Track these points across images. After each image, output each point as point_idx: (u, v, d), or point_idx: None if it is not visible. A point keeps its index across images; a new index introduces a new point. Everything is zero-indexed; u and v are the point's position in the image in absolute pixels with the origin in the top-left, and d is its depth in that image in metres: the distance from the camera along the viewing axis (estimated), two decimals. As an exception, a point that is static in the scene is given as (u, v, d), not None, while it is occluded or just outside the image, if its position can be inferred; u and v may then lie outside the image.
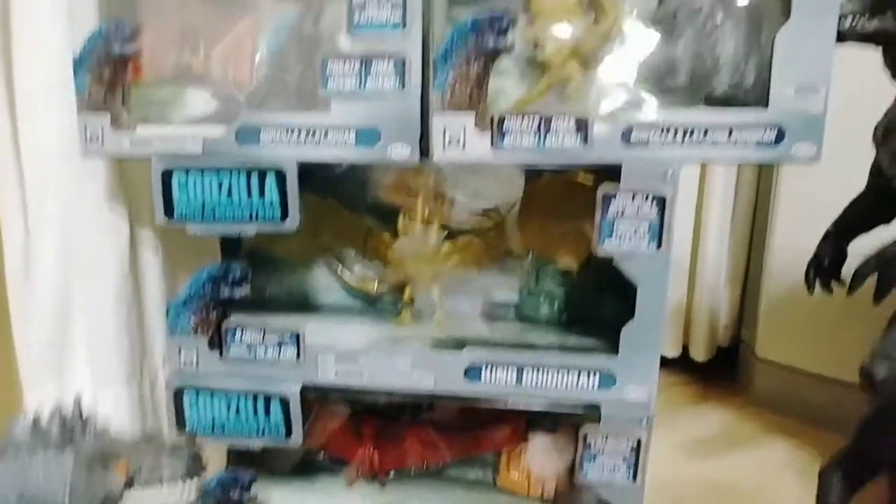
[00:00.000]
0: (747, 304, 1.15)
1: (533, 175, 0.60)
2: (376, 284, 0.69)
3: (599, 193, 0.49)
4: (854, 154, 0.66)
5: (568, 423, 0.67)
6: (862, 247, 0.71)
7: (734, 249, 1.14)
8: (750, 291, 1.14)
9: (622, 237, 0.50)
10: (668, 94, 0.55)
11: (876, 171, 0.64)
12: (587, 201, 0.54)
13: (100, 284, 0.66)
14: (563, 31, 0.52)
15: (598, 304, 0.64)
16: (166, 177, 0.54)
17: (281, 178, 0.53)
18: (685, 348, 1.17)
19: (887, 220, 0.66)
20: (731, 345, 1.17)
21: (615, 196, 0.49)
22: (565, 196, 0.58)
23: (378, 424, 0.69)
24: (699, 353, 1.14)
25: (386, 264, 0.67)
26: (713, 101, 0.54)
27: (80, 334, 0.67)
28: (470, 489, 0.70)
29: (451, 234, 0.64)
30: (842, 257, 0.70)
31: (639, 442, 0.52)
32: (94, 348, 0.67)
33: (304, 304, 0.72)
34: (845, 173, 0.68)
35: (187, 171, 0.54)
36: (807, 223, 0.96)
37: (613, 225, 0.50)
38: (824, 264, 0.70)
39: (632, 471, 0.53)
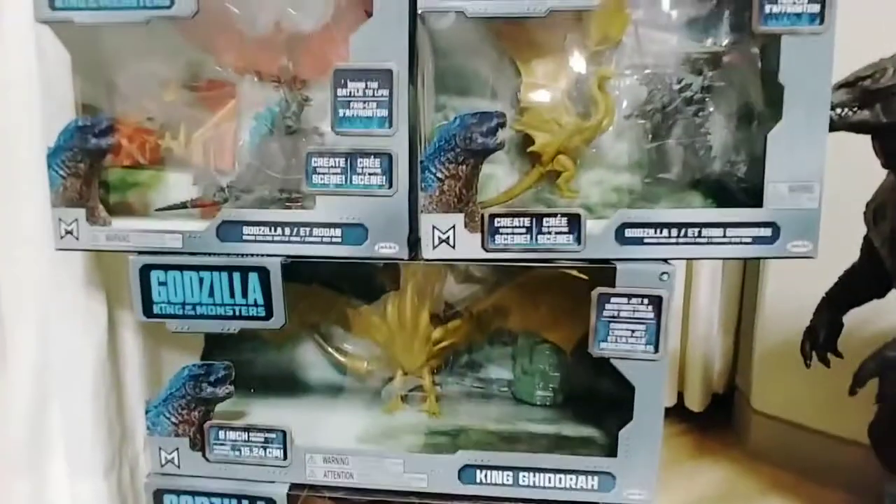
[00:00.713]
0: (741, 352, 1.14)
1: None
2: (366, 364, 0.67)
3: (594, 295, 0.48)
4: (849, 203, 0.65)
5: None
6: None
7: (727, 295, 1.13)
8: (744, 339, 1.13)
9: (618, 339, 0.48)
10: (661, 185, 0.54)
11: (867, 249, 0.64)
12: (581, 293, 0.53)
13: (77, 373, 0.64)
14: (553, 125, 0.51)
15: (594, 385, 0.63)
16: (145, 273, 0.52)
17: (264, 276, 0.51)
18: (680, 396, 1.15)
19: (880, 296, 0.66)
20: (726, 391, 1.16)
21: (610, 298, 0.48)
22: (558, 286, 0.57)
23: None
24: (694, 403, 1.12)
25: (375, 342, 0.66)
26: (706, 190, 0.54)
27: (56, 426, 0.64)
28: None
29: (442, 317, 0.62)
30: (837, 329, 0.70)
31: (640, 545, 0.51)
32: (72, 440, 0.64)
33: (291, 382, 0.70)
34: (841, 222, 0.67)
35: (166, 270, 0.52)
36: (801, 272, 0.96)
37: (609, 327, 0.48)
38: (819, 338, 0.70)
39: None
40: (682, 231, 0.48)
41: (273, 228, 0.51)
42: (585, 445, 0.55)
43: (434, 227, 0.49)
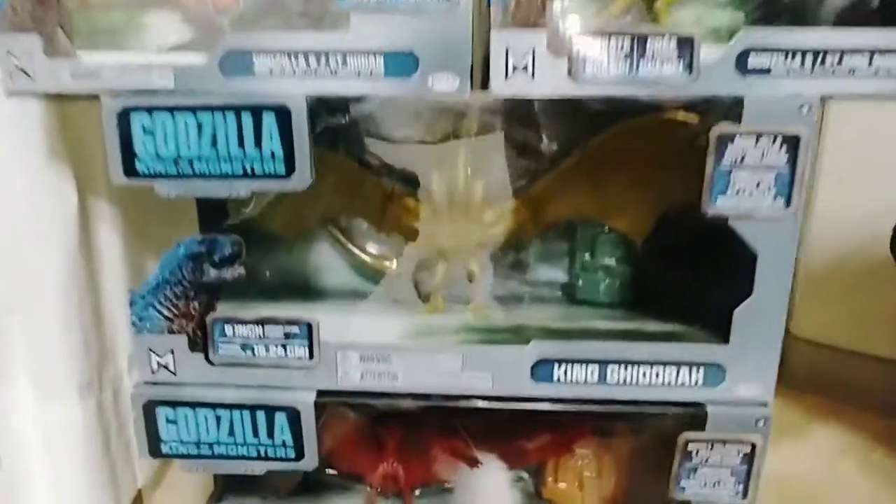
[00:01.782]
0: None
1: (603, 119, 0.47)
2: (395, 263, 0.57)
3: (713, 135, 0.38)
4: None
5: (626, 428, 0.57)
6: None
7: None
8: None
9: (741, 192, 0.38)
10: (777, 17, 0.44)
11: None
12: (676, 148, 0.43)
13: (42, 273, 0.51)
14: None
15: (667, 284, 0.53)
16: (124, 120, 0.40)
17: (284, 119, 0.39)
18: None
19: None
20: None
21: (734, 138, 0.38)
22: (646, 141, 0.46)
23: (402, 432, 0.57)
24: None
25: (408, 239, 0.55)
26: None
27: (18, 338, 0.52)
28: (512, 502, 0.59)
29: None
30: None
31: (752, 449, 0.42)
32: (37, 357, 0.52)
33: (304, 290, 0.59)
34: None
35: (152, 112, 0.40)
36: (854, 189, 0.88)
37: (730, 176, 0.38)
38: None
39: (741, 485, 0.43)
40: (820, 58, 0.38)
41: (293, 58, 0.39)
42: (678, 340, 0.46)
43: (508, 50, 0.38)
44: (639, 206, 0.51)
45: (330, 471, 0.59)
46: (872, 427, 0.83)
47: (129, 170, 0.41)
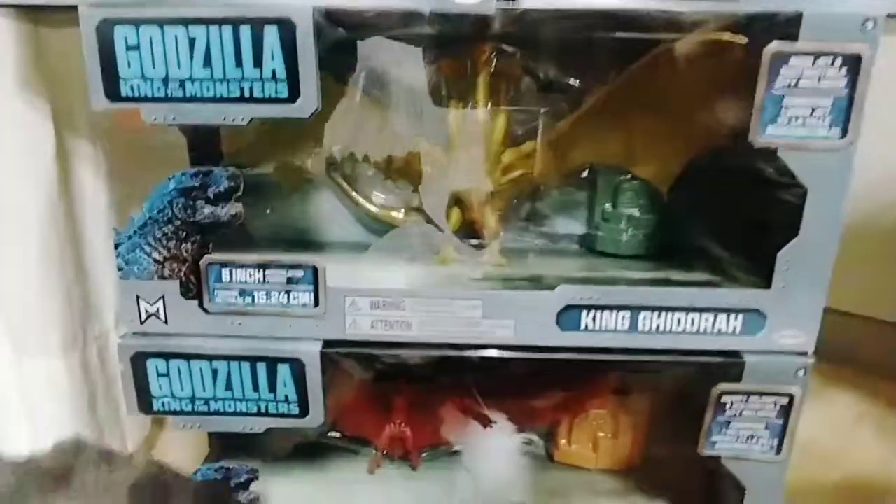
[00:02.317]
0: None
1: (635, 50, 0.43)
2: (403, 212, 0.53)
3: (766, 54, 0.34)
4: None
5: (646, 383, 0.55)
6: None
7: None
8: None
9: (794, 120, 0.35)
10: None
11: None
12: (719, 75, 0.39)
13: (16, 219, 0.47)
14: None
15: (696, 233, 0.50)
16: (105, 34, 0.36)
17: (287, 34, 0.35)
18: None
19: None
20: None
21: (789, 59, 0.34)
22: (685, 70, 0.42)
23: (410, 392, 0.54)
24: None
25: (417, 185, 0.51)
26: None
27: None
28: (522, 466, 0.56)
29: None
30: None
31: (790, 401, 0.39)
32: (16, 309, 0.48)
33: (305, 242, 0.55)
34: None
35: (137, 25, 0.35)
36: (870, 150, 0.86)
37: (783, 102, 0.35)
38: None
39: (776, 440, 0.40)
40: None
41: (298, -36, 0.35)
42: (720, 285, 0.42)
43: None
44: (667, 151, 0.48)
45: (333, 433, 0.56)
46: (887, 392, 0.82)
47: (112, 93, 0.36)
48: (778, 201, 0.38)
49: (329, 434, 0.56)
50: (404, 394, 0.53)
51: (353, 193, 0.53)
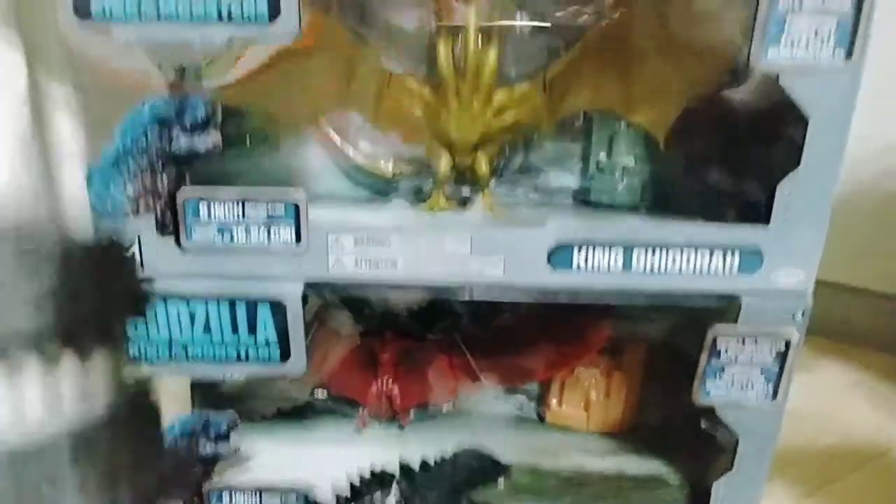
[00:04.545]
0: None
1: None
2: (392, 164, 0.51)
3: (769, -29, 0.33)
4: None
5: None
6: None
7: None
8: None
9: (796, 41, 0.34)
10: None
11: None
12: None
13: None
14: None
15: (692, 184, 0.49)
16: (74, -51, 0.34)
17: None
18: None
19: None
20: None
21: (791, -23, 0.33)
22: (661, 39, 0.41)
23: (397, 347, 0.52)
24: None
25: (407, 135, 0.49)
26: None
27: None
28: (511, 427, 0.55)
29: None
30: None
31: (787, 345, 0.38)
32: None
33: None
34: None
35: (109, -61, 0.34)
36: (861, 123, 0.85)
37: (785, 21, 0.33)
38: None
39: (771, 386, 0.39)
40: None
41: None
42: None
43: None
44: (664, 96, 0.46)
45: (318, 392, 0.54)
46: (880, 365, 0.81)
47: (81, 9, 0.34)
48: (777, 136, 0.37)
49: (314, 395, 0.54)
50: (391, 351, 0.51)
51: (339, 143, 0.51)
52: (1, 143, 0.44)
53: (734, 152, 0.41)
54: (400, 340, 0.52)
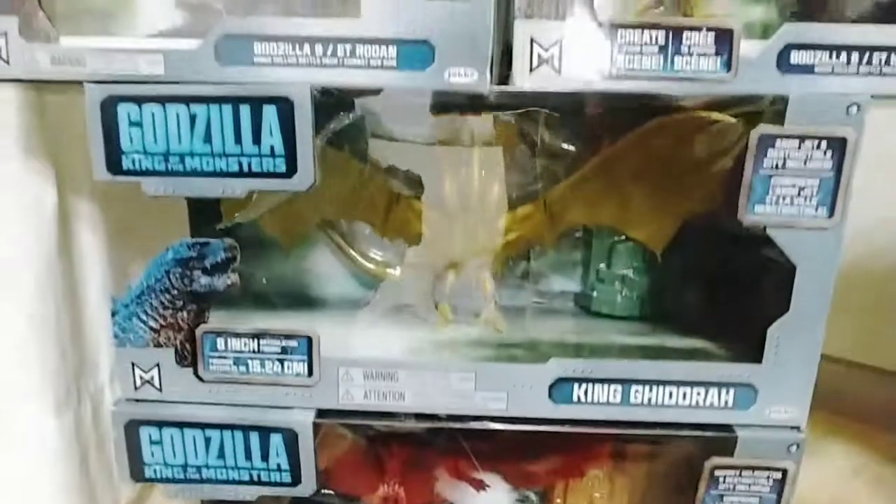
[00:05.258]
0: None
1: (629, 120, 0.44)
2: (399, 270, 0.53)
3: (754, 136, 0.35)
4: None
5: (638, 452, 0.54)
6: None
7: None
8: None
9: (781, 200, 0.36)
10: (814, 13, 0.41)
11: None
12: (707, 151, 0.40)
13: (15, 279, 0.47)
14: None
15: (690, 298, 0.51)
16: (109, 110, 0.36)
17: (286, 111, 0.36)
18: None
19: None
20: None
21: (776, 141, 0.35)
22: (675, 143, 0.43)
23: (405, 452, 0.53)
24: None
25: (412, 243, 0.51)
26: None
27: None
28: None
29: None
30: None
31: (784, 475, 0.39)
32: (10, 364, 0.48)
33: (300, 299, 0.55)
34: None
35: (140, 103, 0.36)
36: (861, 199, 0.87)
37: (770, 182, 0.36)
38: None
39: (771, 514, 0.40)
40: (866, 57, 0.36)
41: (297, 46, 0.36)
42: (704, 358, 0.43)
43: (533, 41, 0.35)
44: (661, 214, 0.49)
45: (326, 491, 0.55)
46: (884, 445, 0.81)
47: (114, 166, 0.37)
48: (767, 276, 0.39)
49: (322, 492, 0.55)
50: (399, 455, 0.52)
51: (350, 251, 0.54)
52: (29, 265, 0.46)
53: (728, 278, 0.43)
54: (407, 444, 0.53)
